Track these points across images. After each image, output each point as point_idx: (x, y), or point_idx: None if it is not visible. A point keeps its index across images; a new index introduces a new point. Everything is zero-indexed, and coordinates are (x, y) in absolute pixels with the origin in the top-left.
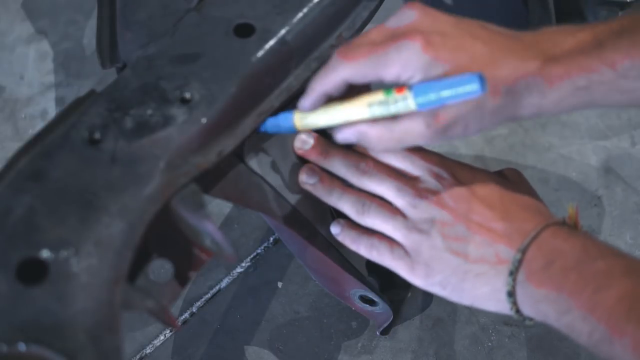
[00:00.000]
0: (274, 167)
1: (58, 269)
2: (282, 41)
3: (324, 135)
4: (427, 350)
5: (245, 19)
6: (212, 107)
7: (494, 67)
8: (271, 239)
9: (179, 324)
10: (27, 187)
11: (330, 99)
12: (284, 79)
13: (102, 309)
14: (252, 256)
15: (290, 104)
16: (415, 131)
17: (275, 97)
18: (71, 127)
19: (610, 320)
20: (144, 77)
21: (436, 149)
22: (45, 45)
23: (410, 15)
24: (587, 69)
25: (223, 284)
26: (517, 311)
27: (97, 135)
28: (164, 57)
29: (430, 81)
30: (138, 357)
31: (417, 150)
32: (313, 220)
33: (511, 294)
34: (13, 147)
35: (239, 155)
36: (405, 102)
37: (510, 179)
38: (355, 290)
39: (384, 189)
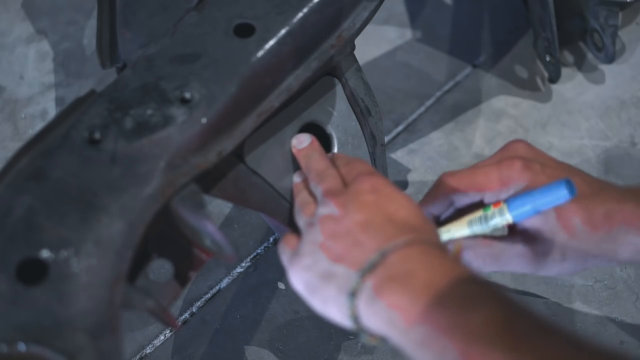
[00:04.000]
0: (274, 167)
1: (58, 269)
2: (282, 41)
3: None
4: None
5: (245, 19)
6: (212, 107)
7: (593, 202)
8: (271, 239)
9: (179, 324)
10: (27, 187)
11: (437, 222)
12: (284, 79)
13: (102, 309)
14: (252, 256)
15: (290, 103)
16: (513, 250)
17: (275, 97)
18: (71, 127)
19: (469, 344)
20: (144, 77)
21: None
22: (45, 45)
23: (514, 147)
24: None
25: (223, 284)
26: (356, 319)
27: (97, 135)
28: (164, 57)
29: (521, 195)
30: (138, 357)
31: (360, 162)
32: None
33: (353, 295)
34: (13, 147)
35: (239, 155)
36: (502, 214)
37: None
38: None
39: (320, 189)
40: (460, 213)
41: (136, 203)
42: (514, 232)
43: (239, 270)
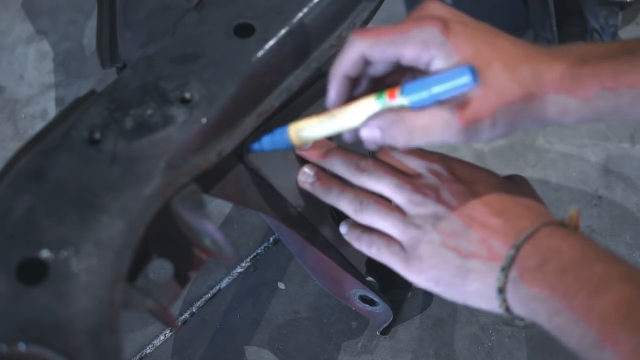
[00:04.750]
0: (274, 167)
1: (58, 269)
2: (282, 41)
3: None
4: (427, 350)
5: (245, 19)
6: (212, 107)
7: (520, 61)
8: (271, 239)
9: (179, 324)
10: (27, 187)
11: (351, 87)
12: (284, 79)
13: (102, 309)
14: (252, 256)
15: (291, 104)
16: (441, 120)
17: (275, 97)
18: (71, 127)
19: (603, 326)
20: (144, 77)
21: (436, 146)
22: (45, 45)
23: (430, 6)
24: (616, 69)
25: (223, 284)
26: (507, 309)
27: (97, 135)
28: (164, 57)
29: (419, 79)
30: (138, 357)
31: (417, 149)
32: (313, 220)
33: (501, 291)
34: (13, 147)
35: (239, 155)
36: (399, 104)
37: (514, 182)
38: (355, 290)
39: (383, 186)
40: (375, 86)
41: (136, 203)
42: (441, 101)
43: (239, 270)
